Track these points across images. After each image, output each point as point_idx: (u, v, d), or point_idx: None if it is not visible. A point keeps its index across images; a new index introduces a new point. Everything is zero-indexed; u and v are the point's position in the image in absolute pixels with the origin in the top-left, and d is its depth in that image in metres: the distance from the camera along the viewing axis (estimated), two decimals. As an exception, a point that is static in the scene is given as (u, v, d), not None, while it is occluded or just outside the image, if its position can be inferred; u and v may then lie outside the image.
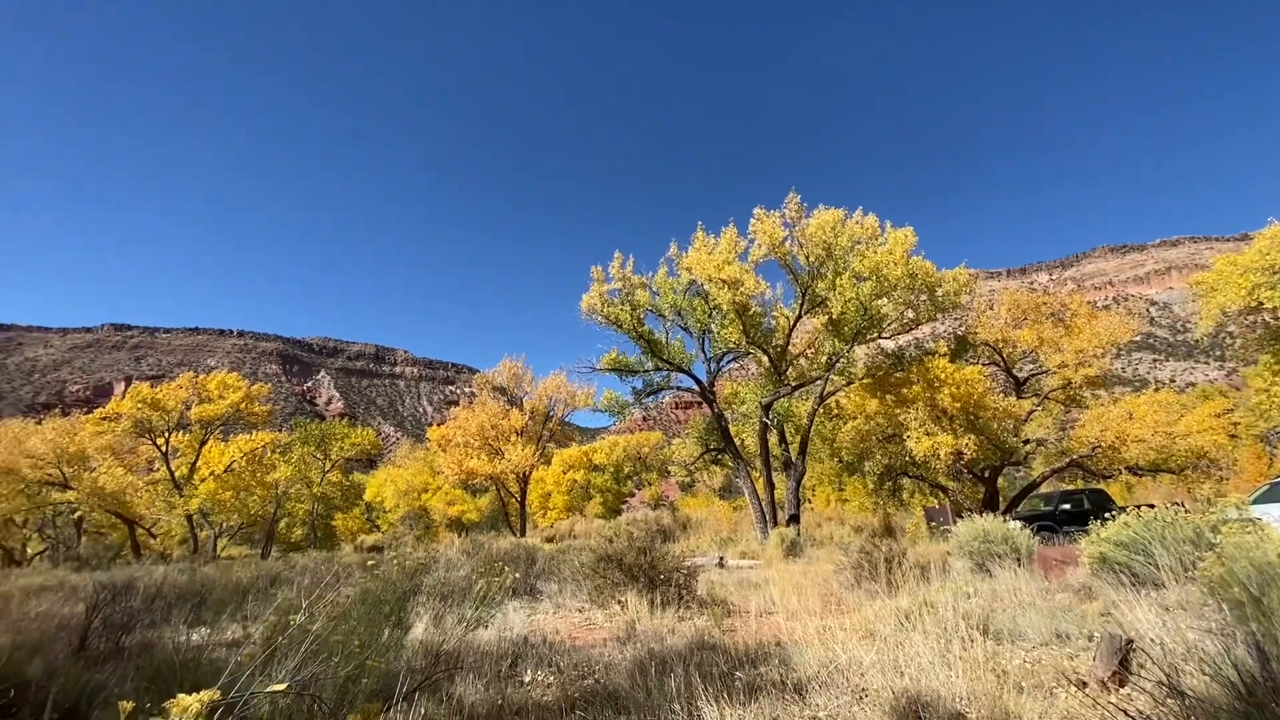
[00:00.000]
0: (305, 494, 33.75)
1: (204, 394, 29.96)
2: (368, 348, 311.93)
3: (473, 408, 31.25)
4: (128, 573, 14.29)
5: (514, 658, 5.37)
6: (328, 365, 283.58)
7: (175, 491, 28.06)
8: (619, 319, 20.05)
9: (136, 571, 14.83)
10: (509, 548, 13.89)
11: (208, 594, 9.45)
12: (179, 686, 2.05)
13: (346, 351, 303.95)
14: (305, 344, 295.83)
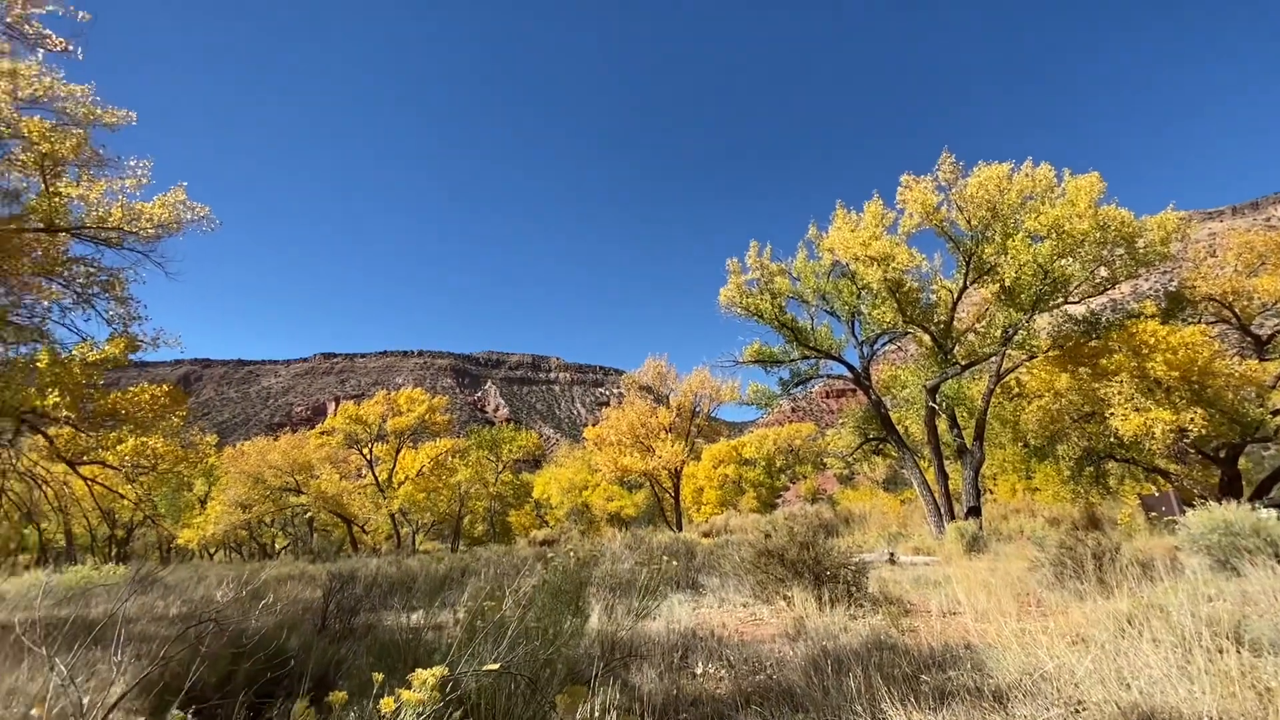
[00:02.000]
0: (483, 493, 37.31)
1: (396, 408, 34.29)
2: (525, 357, 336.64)
3: (622, 407, 32.39)
4: (350, 564, 16.75)
5: (684, 650, 5.45)
6: (493, 376, 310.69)
7: (379, 494, 32.44)
8: (759, 309, 19.59)
9: (356, 563, 17.33)
10: (667, 542, 14.17)
11: (412, 583, 10.76)
12: (402, 662, 2.35)
13: (507, 362, 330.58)
14: (473, 358, 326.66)
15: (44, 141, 11.05)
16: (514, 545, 33.63)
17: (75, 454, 12.69)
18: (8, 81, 10.31)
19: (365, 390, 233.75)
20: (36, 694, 4.20)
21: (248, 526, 34.50)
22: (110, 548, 33.77)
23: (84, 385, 11.43)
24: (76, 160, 11.77)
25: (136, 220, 12.20)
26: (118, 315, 11.95)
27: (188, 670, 2.43)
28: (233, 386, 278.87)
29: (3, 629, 6.60)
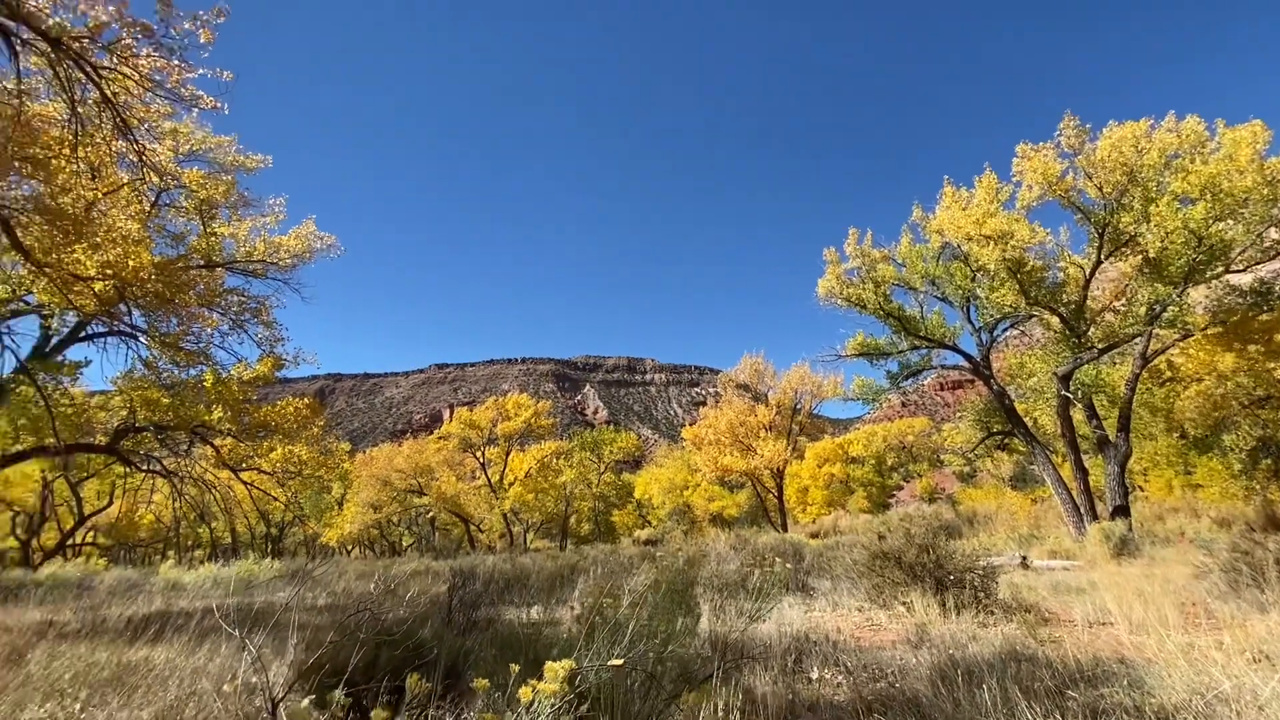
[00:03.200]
0: (587, 493, 38.40)
1: (504, 413, 36.08)
2: (621, 360, 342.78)
3: (719, 407, 32.10)
4: (468, 561, 17.79)
5: (797, 654, 5.29)
6: (590, 379, 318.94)
7: (492, 494, 34.25)
8: (862, 299, 18.68)
9: (474, 560, 18.38)
10: (773, 542, 13.86)
11: (526, 579, 11.24)
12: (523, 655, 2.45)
13: (604, 366, 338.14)
14: (571, 363, 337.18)
15: (201, 189, 12.67)
16: (618, 544, 34.31)
17: (236, 461, 14.43)
18: (171, 140, 11.92)
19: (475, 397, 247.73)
20: (216, 671, 4.81)
21: (378, 526, 37.61)
22: (266, 544, 38.04)
23: (241, 401, 13.01)
24: (226, 203, 13.41)
25: (276, 252, 13.69)
26: (265, 338, 13.48)
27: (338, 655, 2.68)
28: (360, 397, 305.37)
29: (186, 615, 7.61)
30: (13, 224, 8.30)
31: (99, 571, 19.23)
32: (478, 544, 35.69)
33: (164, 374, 12.40)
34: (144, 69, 7.37)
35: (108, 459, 14.95)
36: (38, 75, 7.77)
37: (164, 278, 10.62)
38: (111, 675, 4.60)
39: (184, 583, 14.46)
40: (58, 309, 11.50)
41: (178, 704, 3.86)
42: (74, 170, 8.18)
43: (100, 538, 32.71)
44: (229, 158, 13.46)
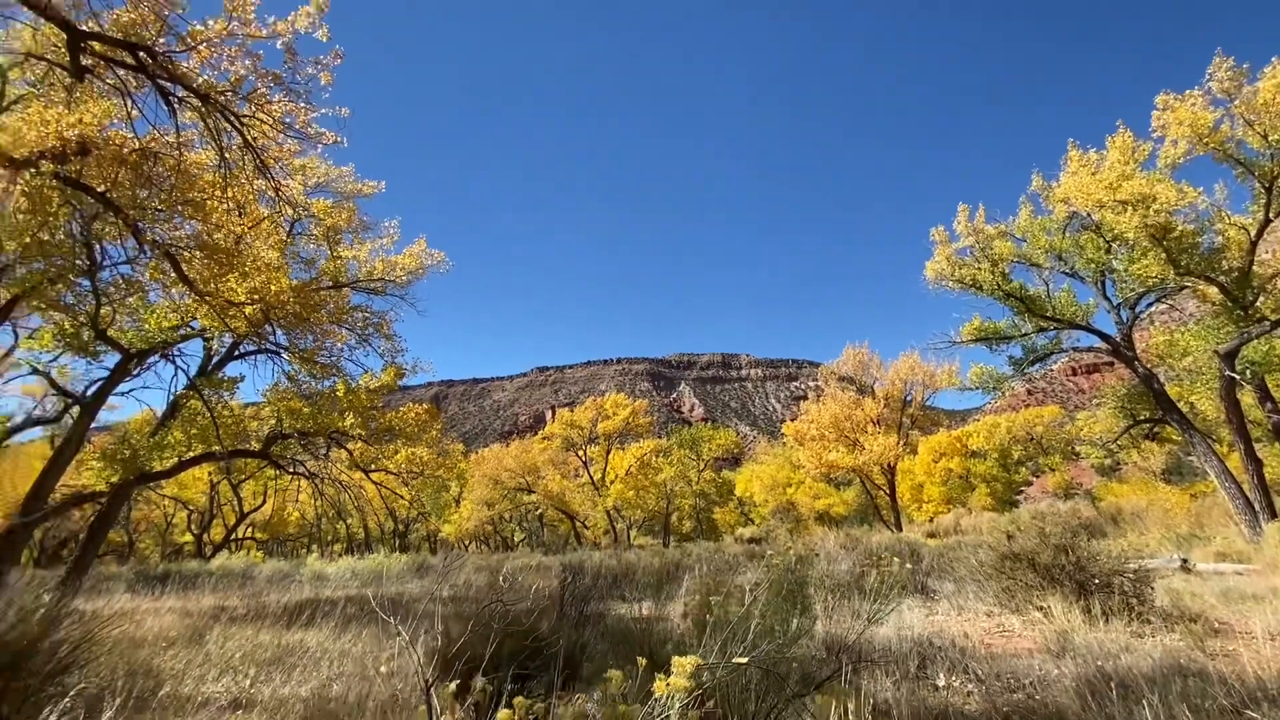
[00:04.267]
0: (687, 491, 38.45)
1: (603, 413, 36.92)
2: (715, 357, 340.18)
3: (822, 401, 30.97)
4: (576, 557, 18.35)
5: (921, 659, 4.99)
6: (685, 377, 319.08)
7: (595, 492, 35.16)
8: (977, 280, 17.31)
9: (581, 556, 18.93)
10: (887, 542, 13.17)
11: (632, 575, 11.42)
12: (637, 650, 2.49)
13: (698, 363, 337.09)
14: (666, 361, 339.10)
15: (327, 217, 13.98)
16: (721, 542, 34.05)
17: (367, 463, 15.79)
18: (301, 175, 13.24)
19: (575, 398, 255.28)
20: (359, 655, 5.28)
21: (492, 522, 39.71)
22: (394, 539, 41.27)
23: (369, 408, 14.21)
24: (349, 228, 14.71)
25: (393, 271, 14.81)
26: (387, 350, 14.65)
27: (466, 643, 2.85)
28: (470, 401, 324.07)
29: (331, 604, 8.41)
30: (179, 260, 9.55)
31: (258, 563, 21.72)
32: (584, 540, 36.77)
33: (304, 385, 13.81)
34: (276, 113, 8.23)
35: (261, 463, 16.83)
36: (191, 129, 8.88)
37: (300, 299, 11.81)
38: (273, 655, 5.18)
39: (327, 574, 16.00)
40: (217, 332, 13.13)
41: (328, 683, 4.28)
42: (225, 209, 9.28)
43: (257, 533, 36.93)
44: (348, 186, 14.79)
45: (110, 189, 8.15)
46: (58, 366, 15.06)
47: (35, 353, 14.08)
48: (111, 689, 3.10)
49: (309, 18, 7.51)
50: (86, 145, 7.61)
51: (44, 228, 9.16)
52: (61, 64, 7.89)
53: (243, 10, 7.35)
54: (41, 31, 9.09)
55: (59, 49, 7.99)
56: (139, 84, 7.99)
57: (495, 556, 24.28)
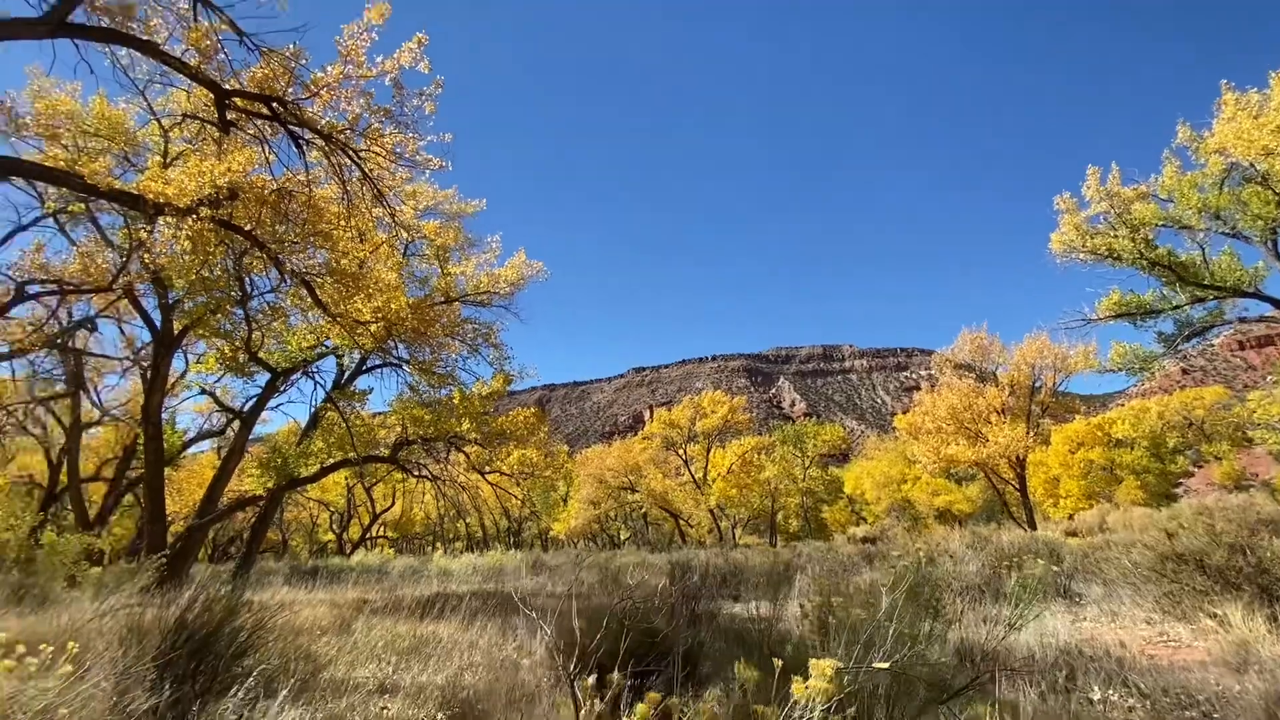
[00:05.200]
0: (793, 489, 37.44)
1: (701, 411, 36.79)
2: (815, 349, 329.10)
3: (936, 391, 29.00)
4: (681, 555, 18.39)
5: (1069, 669, 4.53)
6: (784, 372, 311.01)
7: (697, 490, 35.09)
8: (1113, 249, 15.50)
9: (687, 554, 18.96)
10: (1020, 541, 12.09)
11: (740, 575, 11.27)
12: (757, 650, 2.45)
13: (797, 356, 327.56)
14: (763, 356, 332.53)
15: (437, 237, 14.97)
16: (831, 541, 32.84)
17: (482, 465, 16.73)
18: (412, 200, 14.27)
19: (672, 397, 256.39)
20: (485, 646, 5.60)
21: (598, 520, 40.74)
22: (508, 537, 43.41)
23: (482, 413, 15.07)
24: (456, 246, 15.68)
25: (497, 283, 15.61)
26: (495, 358, 15.48)
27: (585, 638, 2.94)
28: (571, 404, 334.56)
29: (457, 598, 8.96)
30: (314, 286, 10.59)
31: (391, 559, 23.63)
32: (688, 538, 36.82)
33: (424, 394, 14.87)
34: (388, 145, 8.92)
35: (390, 467, 18.28)
36: (317, 167, 9.82)
37: (417, 316, 12.72)
38: (410, 645, 5.60)
39: (451, 569, 17.11)
40: (347, 349, 14.45)
41: (460, 672, 4.57)
42: (349, 237, 10.17)
43: (389, 531, 40.21)
44: (453, 207, 15.78)
45: (255, 227, 9.18)
46: (220, 386, 17.22)
47: (202, 375, 16.19)
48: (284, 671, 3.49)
49: (411, 53, 8.09)
50: (235, 190, 8.62)
51: (204, 266, 10.48)
52: (211, 120, 8.99)
53: (355, 54, 8.04)
54: (193, 94, 10.43)
55: (208, 108, 9.10)
56: (273, 131, 8.94)
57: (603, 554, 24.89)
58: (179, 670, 2.83)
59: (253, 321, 12.49)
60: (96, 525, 17.39)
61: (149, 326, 13.37)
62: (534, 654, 5.11)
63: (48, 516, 18.35)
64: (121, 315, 15.45)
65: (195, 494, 23.64)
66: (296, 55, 8.06)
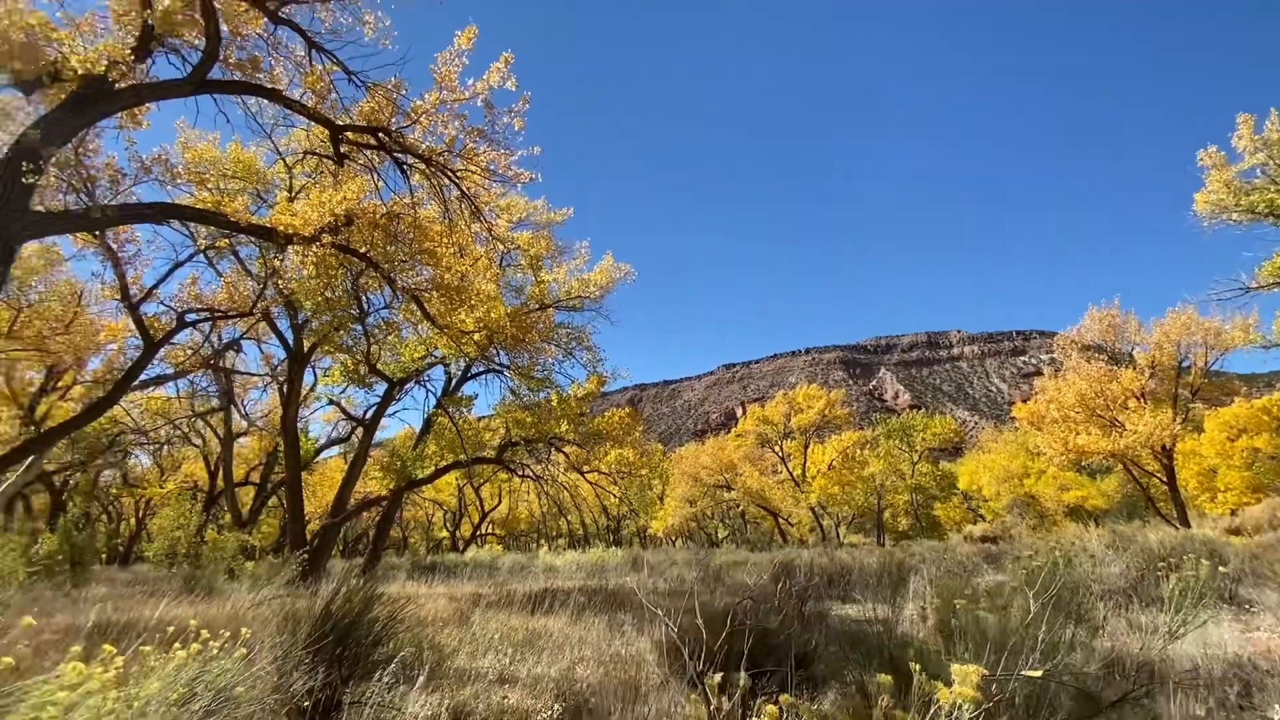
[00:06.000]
0: (900, 485, 35.54)
1: (796, 406, 35.79)
2: (919, 337, 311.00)
3: (1061, 376, 26.43)
4: (782, 554, 17.99)
5: (1243, 684, 3.98)
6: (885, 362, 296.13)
7: (795, 488, 34.15)
8: (1275, 205, 13.51)
9: (789, 553, 18.51)
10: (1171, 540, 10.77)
11: (846, 575, 10.86)
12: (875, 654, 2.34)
13: (898, 345, 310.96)
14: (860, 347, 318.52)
15: (530, 247, 15.57)
16: (946, 540, 30.88)
17: (580, 464, 17.21)
18: (506, 214, 14.94)
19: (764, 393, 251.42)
20: (594, 641, 5.75)
21: (695, 519, 40.68)
22: (607, 534, 44.32)
23: (578, 414, 15.54)
24: (548, 254, 16.23)
25: (587, 288, 16.00)
26: (589, 361, 15.91)
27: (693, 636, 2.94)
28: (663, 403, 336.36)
29: (564, 593, 9.26)
30: (423, 300, 11.33)
31: (500, 556, 24.83)
32: (789, 537, 35.92)
33: (524, 398, 15.53)
34: (482, 163, 9.38)
35: (496, 468, 19.22)
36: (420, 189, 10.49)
37: (515, 323, 13.31)
38: (524, 638, 5.86)
39: (556, 566, 17.72)
40: (453, 358, 15.35)
41: (572, 665, 4.72)
42: (451, 253, 10.80)
43: (496, 529, 42.26)
44: (543, 217, 16.36)
45: (369, 249, 9.95)
46: (345, 397, 18.82)
47: (329, 387, 17.76)
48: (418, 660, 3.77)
49: (499, 73, 8.46)
50: (351, 216, 9.39)
51: (327, 288, 11.52)
52: (327, 154, 9.85)
53: (449, 80, 8.53)
54: (311, 132, 11.47)
55: (325, 143, 9.98)
56: (380, 159, 9.68)
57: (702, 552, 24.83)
58: (327, 655, 3.13)
59: (370, 336, 13.55)
60: (248, 524, 19.57)
61: (284, 345, 14.87)
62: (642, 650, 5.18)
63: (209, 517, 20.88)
64: (260, 336, 17.24)
65: (328, 495, 26.01)
66: (397, 87, 8.68)
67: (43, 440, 11.58)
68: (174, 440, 24.74)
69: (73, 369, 18.07)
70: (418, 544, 44.44)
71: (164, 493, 27.65)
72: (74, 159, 9.35)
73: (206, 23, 7.36)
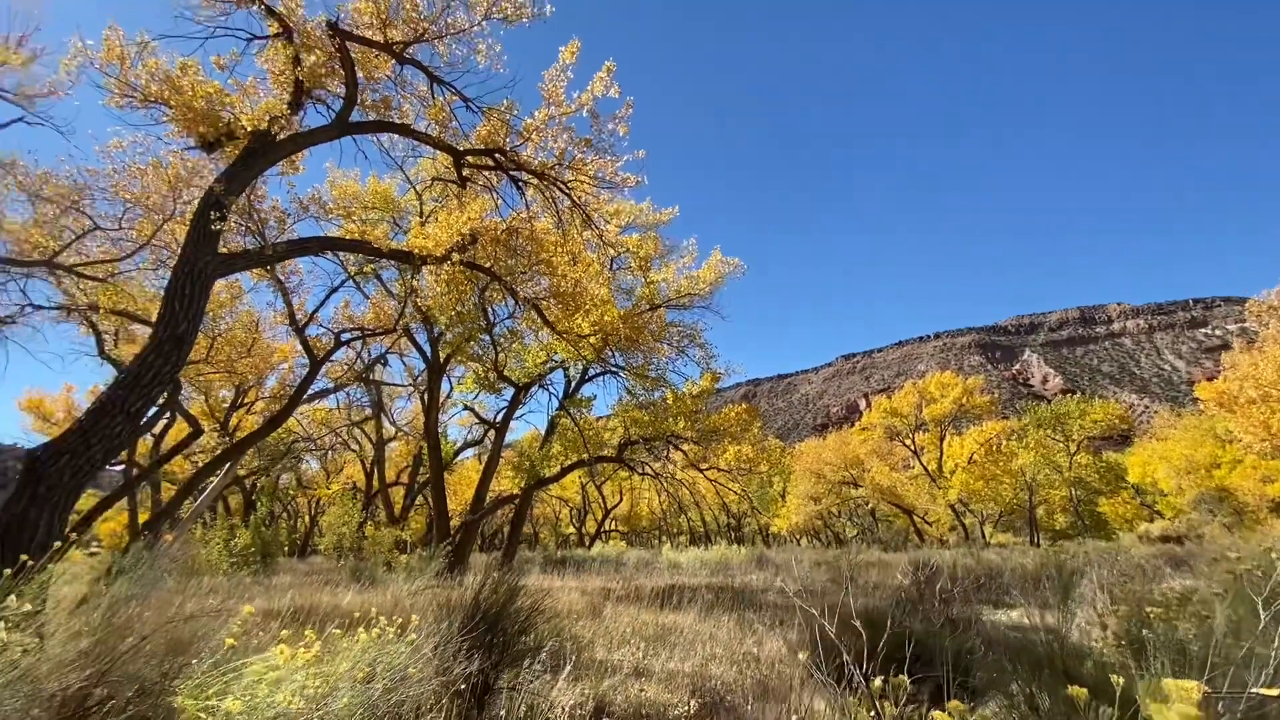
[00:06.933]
0: (1055, 479, 32.00)
1: (926, 396, 33.36)
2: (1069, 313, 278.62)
3: (1258, 348, 22.42)
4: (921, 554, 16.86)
5: None
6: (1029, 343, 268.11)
7: (931, 483, 31.83)
8: None
9: (927, 554, 17.31)
10: None
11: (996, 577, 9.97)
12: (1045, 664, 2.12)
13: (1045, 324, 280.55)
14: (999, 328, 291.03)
15: (638, 249, 15.83)
16: (1115, 540, 27.40)
17: (698, 462, 17.23)
18: (615, 219, 15.30)
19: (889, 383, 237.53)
20: (725, 639, 5.73)
21: (820, 517, 39.26)
22: (728, 532, 43.97)
23: (694, 412, 15.58)
24: (656, 255, 16.40)
25: (696, 285, 15.98)
26: (701, 358, 15.87)
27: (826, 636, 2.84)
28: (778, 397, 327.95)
29: (691, 590, 9.31)
30: (542, 308, 11.91)
31: (624, 551, 25.47)
32: (925, 536, 33.60)
33: (640, 397, 15.82)
34: (590, 171, 9.67)
35: (616, 466, 19.74)
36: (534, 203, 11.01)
37: (628, 325, 13.60)
38: (655, 633, 5.96)
39: (680, 562, 17.86)
40: (572, 361, 15.99)
41: (705, 662, 4.74)
42: (565, 261, 11.25)
43: (619, 525, 43.40)
44: (649, 218, 16.57)
45: (492, 263, 10.62)
46: (478, 402, 20.19)
47: (463, 394, 19.15)
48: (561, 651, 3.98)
49: (602, 82, 8.68)
50: (475, 235, 10.07)
51: (458, 302, 12.44)
52: (451, 179, 10.64)
53: (555, 95, 8.88)
54: (436, 159, 12.43)
55: (449, 169, 10.77)
56: (498, 179, 10.29)
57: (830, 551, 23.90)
58: (479, 642, 3.38)
59: (497, 345, 14.46)
60: (400, 520, 21.63)
61: (423, 357, 16.26)
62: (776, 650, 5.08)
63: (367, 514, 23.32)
64: (403, 350, 18.96)
65: (466, 493, 28.08)
66: (509, 108, 9.17)
67: (236, 449, 13.51)
68: (336, 446, 27.94)
69: (254, 387, 20.93)
70: (547, 539, 46.74)
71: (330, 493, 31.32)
72: (248, 205, 10.82)
73: (345, 71, 8.23)
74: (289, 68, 8.29)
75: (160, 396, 7.04)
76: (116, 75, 7.76)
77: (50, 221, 11.35)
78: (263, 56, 8.47)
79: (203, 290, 7.14)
